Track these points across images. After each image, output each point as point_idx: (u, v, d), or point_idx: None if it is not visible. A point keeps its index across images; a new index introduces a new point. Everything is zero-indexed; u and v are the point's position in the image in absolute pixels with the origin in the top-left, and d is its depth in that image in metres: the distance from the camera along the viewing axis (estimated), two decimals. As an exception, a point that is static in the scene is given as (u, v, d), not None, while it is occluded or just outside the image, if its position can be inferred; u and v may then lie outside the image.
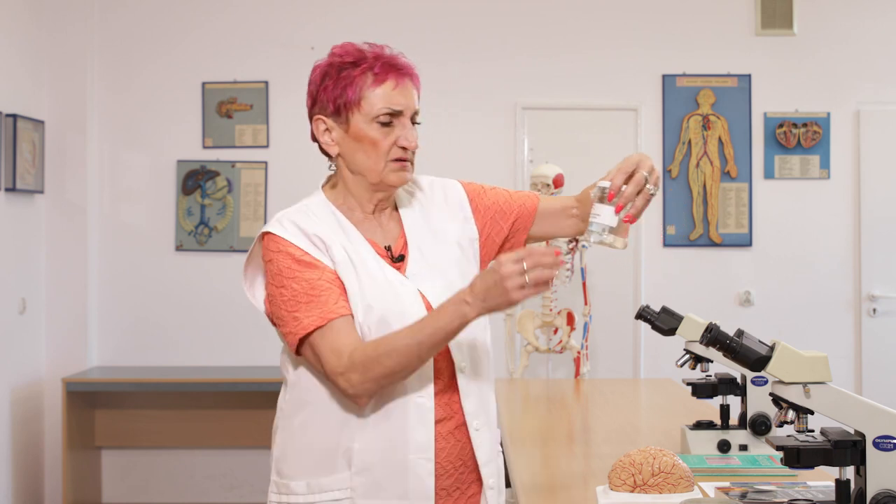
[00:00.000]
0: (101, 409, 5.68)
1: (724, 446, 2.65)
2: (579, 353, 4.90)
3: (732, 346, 1.90)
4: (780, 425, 1.91)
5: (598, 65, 5.91)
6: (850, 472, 1.82)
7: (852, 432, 1.80)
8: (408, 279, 2.06)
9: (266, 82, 5.88)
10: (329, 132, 2.07)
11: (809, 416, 1.84)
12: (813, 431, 1.85)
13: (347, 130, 2.04)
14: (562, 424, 3.63)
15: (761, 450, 2.63)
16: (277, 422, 2.13)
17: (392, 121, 2.03)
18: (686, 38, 5.94)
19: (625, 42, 5.92)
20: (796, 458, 1.81)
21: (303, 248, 2.01)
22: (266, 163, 5.88)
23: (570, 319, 4.91)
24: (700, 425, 2.72)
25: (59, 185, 5.69)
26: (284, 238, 2.02)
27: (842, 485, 1.82)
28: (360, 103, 2.02)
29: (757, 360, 1.86)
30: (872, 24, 5.96)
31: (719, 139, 5.89)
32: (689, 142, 5.90)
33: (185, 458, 5.87)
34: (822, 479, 2.37)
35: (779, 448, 1.85)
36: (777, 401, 1.87)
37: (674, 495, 2.06)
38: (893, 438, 1.75)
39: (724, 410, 2.78)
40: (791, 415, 1.85)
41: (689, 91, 5.90)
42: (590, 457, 2.89)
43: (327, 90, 2.04)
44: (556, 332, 5.03)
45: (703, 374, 2.78)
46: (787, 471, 2.42)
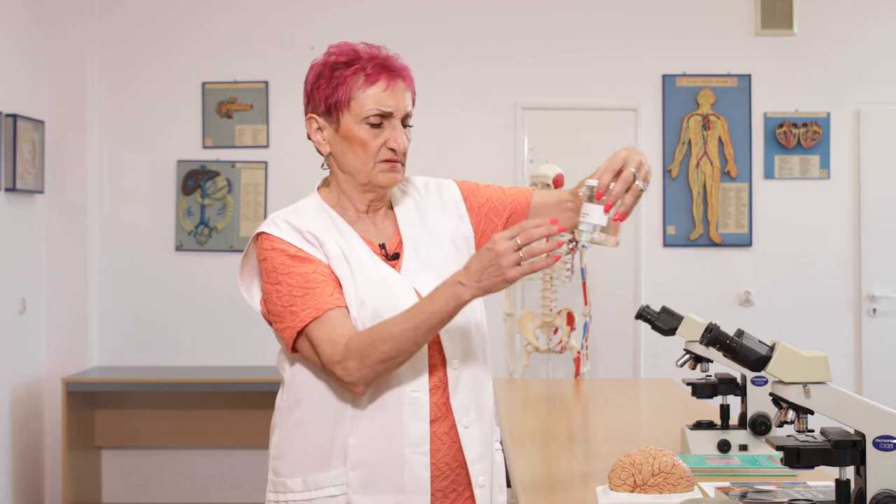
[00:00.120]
0: (101, 409, 5.68)
1: (724, 446, 2.65)
2: (579, 353, 4.90)
3: (732, 346, 1.89)
4: (780, 425, 1.90)
5: (598, 65, 5.91)
6: (850, 472, 1.82)
7: (852, 432, 1.80)
8: (402, 276, 2.06)
9: (266, 82, 5.88)
10: (321, 131, 2.07)
11: (809, 416, 1.83)
12: (813, 431, 1.85)
13: (338, 130, 2.04)
14: (562, 424, 3.63)
15: (761, 450, 2.63)
16: (274, 421, 2.13)
17: (382, 122, 2.03)
18: (686, 38, 5.94)
19: (625, 42, 5.92)
20: (796, 458, 1.81)
21: (296, 245, 2.01)
22: (266, 163, 5.88)
23: (570, 319, 4.91)
24: (700, 425, 2.72)
25: (59, 185, 5.69)
26: (278, 236, 2.02)
27: (842, 485, 1.82)
28: (350, 103, 2.02)
29: (757, 360, 1.86)
30: (872, 24, 5.96)
31: (719, 139, 5.89)
32: (689, 142, 5.89)
33: (185, 458, 5.87)
34: (822, 479, 2.37)
35: (779, 448, 1.85)
36: (777, 401, 1.87)
37: (674, 495, 2.06)
38: (893, 438, 1.75)
39: (724, 410, 2.77)
40: (791, 415, 1.85)
41: (689, 91, 5.90)
42: (590, 457, 2.89)
43: (320, 89, 2.05)
44: (556, 332, 5.03)
45: (703, 374, 2.77)
46: (787, 471, 2.42)
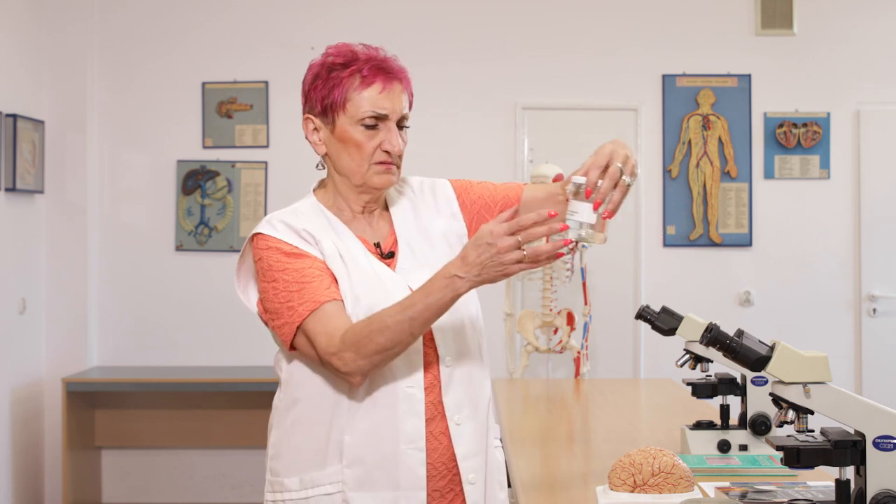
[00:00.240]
0: (101, 409, 5.68)
1: (724, 446, 2.65)
2: (579, 353, 4.90)
3: (732, 346, 1.89)
4: (780, 425, 1.90)
5: (598, 65, 5.91)
6: (850, 472, 1.82)
7: (852, 432, 1.80)
8: (397, 274, 2.06)
9: (266, 82, 5.88)
10: (317, 132, 2.08)
11: (809, 416, 1.83)
12: (813, 431, 1.85)
13: (333, 131, 2.05)
14: (562, 424, 3.63)
15: (761, 450, 2.63)
16: (272, 421, 2.14)
17: (377, 124, 2.03)
18: (686, 38, 5.94)
19: (625, 42, 5.92)
20: (796, 458, 1.81)
21: (291, 243, 2.02)
22: (266, 163, 5.88)
23: (570, 319, 4.91)
24: (700, 425, 2.71)
25: (59, 185, 5.69)
26: (273, 236, 2.03)
27: (842, 485, 1.82)
28: (345, 105, 2.02)
29: (757, 360, 1.86)
30: (872, 24, 5.96)
31: (719, 139, 5.89)
32: (689, 142, 5.89)
33: (185, 458, 5.87)
34: (822, 479, 2.37)
35: (779, 448, 1.85)
36: (777, 401, 1.87)
37: (674, 495, 2.06)
38: (893, 438, 1.75)
39: (724, 410, 2.77)
40: (791, 415, 1.85)
41: (689, 91, 5.90)
42: (590, 457, 2.89)
43: (317, 90, 2.05)
44: (556, 332, 5.03)
45: (703, 374, 2.77)
46: (787, 471, 2.42)
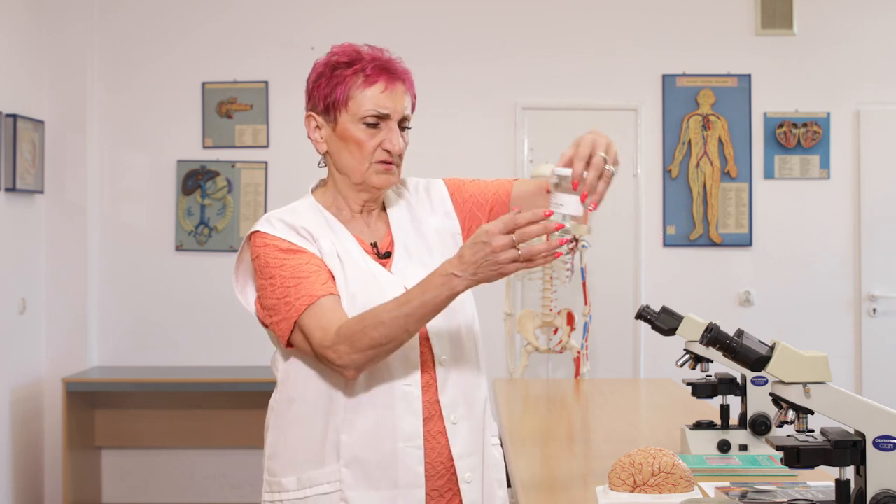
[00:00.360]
0: (101, 409, 5.68)
1: (724, 446, 2.65)
2: (579, 353, 4.89)
3: (732, 346, 1.89)
4: (780, 425, 1.90)
5: (598, 65, 5.91)
6: (850, 472, 1.82)
7: (852, 432, 1.80)
8: (393, 274, 2.07)
9: (266, 82, 5.88)
10: (319, 129, 2.09)
11: (809, 416, 1.83)
12: (813, 431, 1.85)
13: (335, 129, 2.06)
14: (562, 424, 3.63)
15: (761, 450, 2.63)
16: (268, 421, 2.14)
17: (379, 123, 2.04)
18: (686, 38, 5.94)
19: (625, 42, 5.92)
20: (796, 458, 1.81)
21: (289, 240, 2.02)
22: (266, 163, 5.88)
23: (570, 319, 4.91)
24: (700, 425, 2.71)
25: (59, 185, 5.68)
26: (271, 233, 2.04)
27: (842, 485, 1.82)
28: (347, 103, 2.03)
29: (757, 360, 1.86)
30: (872, 24, 5.96)
31: (719, 139, 5.89)
32: (689, 142, 5.89)
33: (185, 458, 5.87)
34: (822, 479, 2.37)
35: (779, 448, 1.84)
36: (777, 401, 1.87)
37: (674, 495, 2.06)
38: (893, 438, 1.75)
39: (724, 410, 2.77)
40: (791, 415, 1.85)
41: (689, 91, 5.90)
42: (590, 457, 2.89)
43: (320, 88, 2.06)
44: (556, 332, 5.02)
45: (703, 374, 2.77)
46: (787, 471, 2.42)
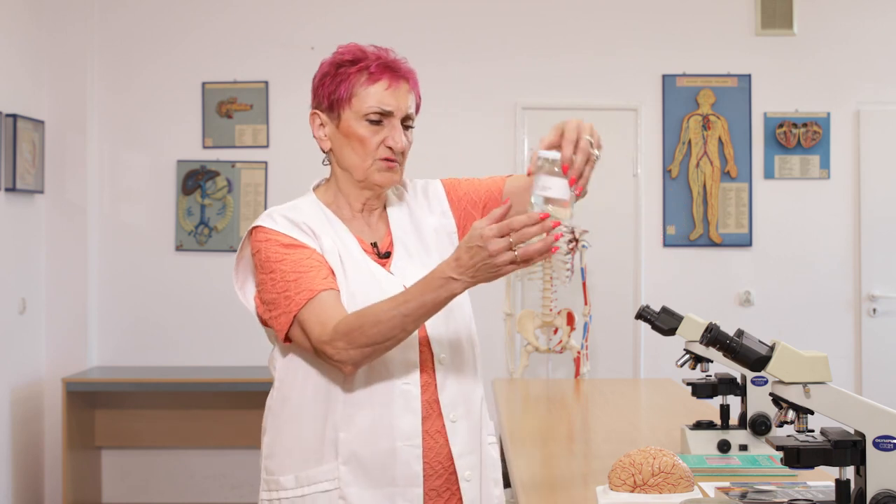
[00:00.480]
0: (101, 409, 5.68)
1: (724, 446, 2.65)
2: (579, 353, 4.90)
3: (732, 346, 1.89)
4: (780, 425, 1.90)
5: (598, 65, 5.91)
6: (850, 472, 1.82)
7: (852, 432, 1.80)
8: (392, 274, 2.08)
9: (266, 82, 5.88)
10: (323, 127, 2.10)
11: (809, 416, 1.83)
12: (813, 431, 1.85)
13: (338, 126, 2.07)
14: (562, 424, 3.63)
15: (761, 450, 2.63)
16: (266, 421, 2.15)
17: (382, 120, 2.05)
18: (686, 38, 5.94)
19: (625, 42, 5.92)
20: (796, 458, 1.81)
21: (291, 236, 2.03)
22: (266, 163, 5.88)
23: (570, 319, 4.91)
24: (700, 425, 2.71)
25: (59, 185, 5.68)
26: (273, 228, 2.04)
27: (842, 485, 1.82)
28: (351, 100, 2.05)
29: (757, 360, 1.86)
30: (872, 24, 5.96)
31: (719, 139, 5.89)
32: (689, 142, 5.89)
33: (185, 458, 5.87)
34: (822, 479, 2.37)
35: (779, 448, 1.84)
36: (777, 401, 1.87)
37: (674, 495, 2.06)
38: (893, 438, 1.75)
39: (724, 410, 2.77)
40: (791, 415, 1.85)
41: (689, 91, 5.90)
42: (590, 457, 2.89)
43: (324, 85, 2.08)
44: (556, 332, 5.03)
45: (703, 374, 2.77)
46: (787, 471, 2.42)
